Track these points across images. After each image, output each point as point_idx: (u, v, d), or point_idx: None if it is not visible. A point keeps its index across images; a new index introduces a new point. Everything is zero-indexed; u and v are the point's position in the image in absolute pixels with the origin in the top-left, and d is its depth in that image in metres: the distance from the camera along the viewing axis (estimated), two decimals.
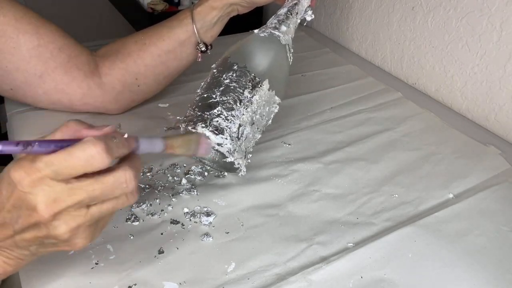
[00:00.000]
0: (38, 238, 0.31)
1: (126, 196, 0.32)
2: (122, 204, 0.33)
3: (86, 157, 0.29)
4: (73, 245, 0.32)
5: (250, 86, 0.48)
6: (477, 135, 0.65)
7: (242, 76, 0.49)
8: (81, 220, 0.31)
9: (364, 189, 0.54)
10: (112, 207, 0.32)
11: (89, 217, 0.31)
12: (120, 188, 0.31)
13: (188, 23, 0.60)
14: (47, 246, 0.33)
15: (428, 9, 0.74)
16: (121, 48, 0.61)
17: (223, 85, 0.48)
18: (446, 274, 0.43)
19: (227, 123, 0.46)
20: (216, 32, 0.62)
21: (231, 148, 0.46)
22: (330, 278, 0.42)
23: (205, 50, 0.62)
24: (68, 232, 0.31)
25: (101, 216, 0.32)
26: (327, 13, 0.99)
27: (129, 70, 0.60)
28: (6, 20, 0.52)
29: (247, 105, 0.48)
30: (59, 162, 0.29)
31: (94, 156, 0.29)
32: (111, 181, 0.31)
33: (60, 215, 0.30)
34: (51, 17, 0.58)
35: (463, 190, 0.54)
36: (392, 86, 0.78)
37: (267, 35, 0.51)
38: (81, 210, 0.30)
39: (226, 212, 0.49)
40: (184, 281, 0.41)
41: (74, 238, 0.32)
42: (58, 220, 0.30)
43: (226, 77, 0.49)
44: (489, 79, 0.67)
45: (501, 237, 0.48)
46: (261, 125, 0.51)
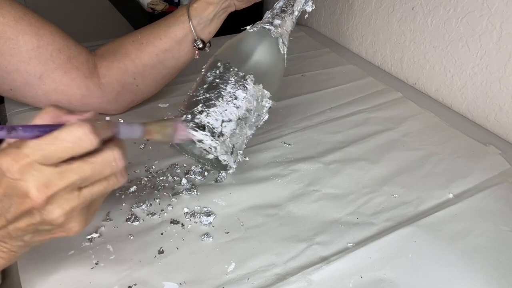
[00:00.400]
0: (33, 226, 0.31)
1: (116, 176, 0.32)
2: (113, 185, 0.33)
3: (73, 139, 0.29)
4: (68, 230, 0.32)
5: (233, 81, 0.48)
6: (477, 135, 0.65)
7: (226, 72, 0.49)
8: (75, 203, 0.31)
9: (364, 189, 0.54)
10: (104, 188, 0.32)
11: (82, 199, 0.31)
12: (110, 167, 0.31)
13: (184, 20, 0.59)
14: (42, 234, 0.33)
15: (428, 9, 0.74)
16: (118, 48, 0.61)
17: (207, 82, 0.49)
18: (446, 274, 0.43)
19: (209, 120, 0.46)
20: (213, 28, 0.61)
21: (212, 144, 0.46)
22: (330, 278, 0.42)
23: (202, 47, 0.61)
24: (62, 215, 0.30)
25: (93, 198, 0.32)
26: (327, 13, 0.99)
27: (127, 70, 0.60)
28: (5, 21, 0.52)
29: (230, 100, 0.47)
30: (47, 146, 0.29)
31: (82, 137, 0.29)
32: (100, 160, 0.31)
33: (53, 199, 0.30)
34: (51, 17, 0.58)
35: (463, 190, 0.54)
36: (392, 86, 0.78)
37: (256, 30, 0.51)
38: (73, 192, 0.30)
39: (226, 212, 0.49)
40: (184, 281, 0.41)
41: (69, 222, 0.31)
42: (52, 204, 0.30)
43: (210, 74, 0.49)
44: (489, 79, 0.67)
45: (501, 237, 0.48)
46: (251, 121, 0.51)
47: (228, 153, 0.48)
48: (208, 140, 0.46)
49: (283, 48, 0.52)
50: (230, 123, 0.48)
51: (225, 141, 0.48)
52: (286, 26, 0.53)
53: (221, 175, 0.54)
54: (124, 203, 0.49)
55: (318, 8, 1.01)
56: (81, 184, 0.31)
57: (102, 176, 0.32)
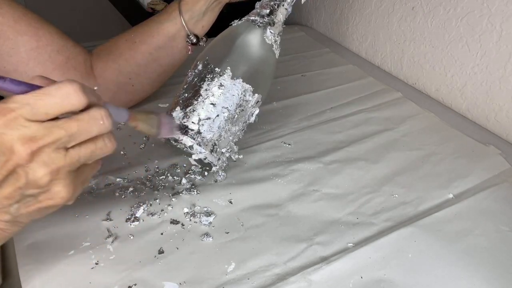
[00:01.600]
0: (18, 190, 0.30)
1: (104, 140, 0.32)
2: (101, 149, 0.32)
3: (62, 95, 0.29)
4: (55, 195, 0.31)
5: (209, 78, 0.48)
6: (477, 135, 0.65)
7: (203, 70, 0.49)
8: (60, 162, 0.30)
9: (364, 189, 0.54)
10: (91, 152, 0.32)
11: (69, 160, 0.30)
12: (97, 124, 0.31)
13: (176, 16, 0.58)
14: (28, 203, 0.32)
15: (428, 9, 0.74)
16: (112, 48, 0.60)
17: (187, 82, 0.49)
18: (446, 274, 0.43)
19: (186, 120, 0.47)
20: (207, 22, 0.60)
21: (188, 143, 0.47)
22: (330, 278, 0.42)
23: (196, 42, 0.60)
24: (47, 174, 0.30)
25: (80, 162, 0.31)
26: (327, 13, 0.99)
27: (122, 70, 0.60)
28: (4, 21, 0.51)
29: (206, 98, 0.47)
30: (34, 100, 0.28)
31: (71, 93, 0.29)
32: (87, 117, 0.30)
33: (38, 155, 0.29)
34: (51, 17, 0.58)
35: (463, 190, 0.54)
36: (392, 86, 0.78)
37: (240, 23, 0.50)
38: (59, 151, 0.30)
39: (226, 212, 0.49)
40: (184, 281, 0.41)
41: (55, 184, 0.31)
42: (37, 162, 0.29)
43: (190, 74, 0.50)
44: (489, 79, 0.67)
45: (501, 237, 0.48)
46: (233, 117, 0.50)
47: (207, 150, 0.48)
48: (184, 139, 0.47)
49: (272, 39, 0.50)
50: (207, 121, 0.47)
51: (203, 140, 0.47)
52: (277, 15, 0.51)
53: (221, 174, 0.54)
54: (124, 203, 0.49)
55: (318, 8, 1.01)
56: (68, 142, 0.30)
57: (89, 134, 0.31)
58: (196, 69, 0.50)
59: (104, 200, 0.49)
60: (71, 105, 0.29)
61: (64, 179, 0.31)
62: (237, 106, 0.49)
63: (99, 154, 0.33)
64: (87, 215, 0.47)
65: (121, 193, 0.50)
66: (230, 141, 0.51)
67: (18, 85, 0.29)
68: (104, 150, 0.33)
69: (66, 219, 0.46)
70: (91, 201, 0.49)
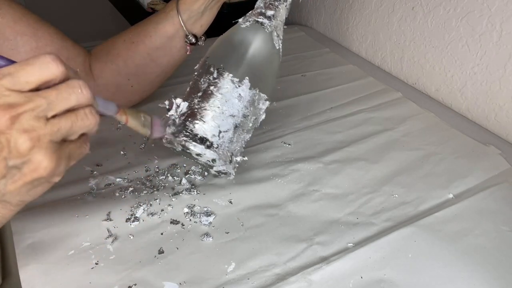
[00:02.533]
0: (2, 161, 0.30)
1: (85, 112, 0.32)
2: (82, 120, 0.32)
3: (40, 63, 0.30)
4: (38, 165, 0.31)
5: (228, 89, 0.46)
6: (477, 135, 0.65)
7: (220, 78, 0.47)
8: (41, 130, 0.30)
9: (364, 189, 0.54)
10: (71, 122, 0.32)
11: (49, 128, 0.31)
12: (75, 93, 0.31)
13: (174, 15, 0.57)
14: (14, 177, 0.31)
15: (428, 9, 0.74)
16: (110, 49, 0.60)
17: (201, 89, 0.47)
18: (446, 274, 0.43)
19: (206, 132, 0.45)
20: (206, 21, 0.59)
21: (211, 157, 0.46)
22: (330, 278, 0.42)
23: (195, 42, 0.59)
24: (28, 140, 0.30)
25: (61, 131, 0.31)
26: (327, 13, 0.99)
27: (120, 71, 0.59)
28: (4, 22, 0.51)
29: (226, 110, 0.46)
30: (15, 70, 0.30)
31: (49, 62, 0.30)
32: (64, 86, 0.31)
33: (19, 121, 0.29)
34: (50, 17, 0.58)
35: (463, 190, 0.54)
36: (392, 86, 0.78)
37: (249, 25, 0.48)
38: (40, 119, 0.30)
39: (226, 212, 0.49)
40: (184, 281, 0.41)
41: (36, 152, 0.30)
42: (17, 129, 0.29)
43: (204, 80, 0.47)
44: (489, 79, 0.67)
45: (501, 237, 0.48)
46: (248, 126, 0.50)
47: (227, 162, 0.48)
48: (208, 154, 0.46)
49: (278, 43, 0.50)
50: (227, 133, 0.47)
51: (224, 152, 0.47)
52: (280, 15, 0.50)
53: (221, 175, 0.54)
54: (124, 203, 0.49)
55: (318, 8, 1.01)
56: (48, 110, 0.30)
57: (68, 102, 0.31)
58: (210, 75, 0.47)
59: (104, 200, 0.49)
60: (50, 73, 0.30)
61: (46, 148, 0.31)
62: (252, 115, 0.49)
63: (80, 126, 0.33)
64: (87, 215, 0.47)
65: (121, 193, 0.50)
66: (242, 146, 0.51)
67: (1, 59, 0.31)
68: (85, 122, 0.33)
69: (66, 219, 0.46)
70: (91, 201, 0.49)
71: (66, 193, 0.50)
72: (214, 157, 0.46)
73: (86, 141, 0.36)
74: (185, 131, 0.45)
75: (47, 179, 0.33)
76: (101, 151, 0.57)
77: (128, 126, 0.42)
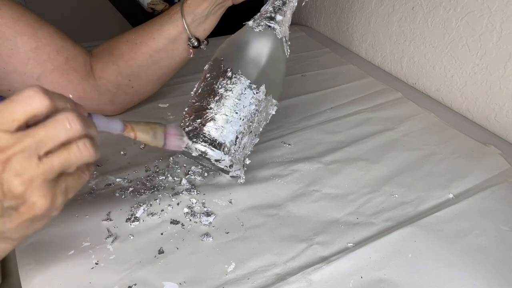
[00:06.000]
0: None
1: (78, 146, 0.32)
2: (75, 155, 0.32)
3: (24, 98, 0.30)
4: (33, 205, 0.31)
5: (248, 96, 0.46)
6: (477, 135, 0.65)
7: (238, 83, 0.46)
8: (33, 171, 0.30)
9: (364, 189, 0.54)
10: (64, 158, 0.31)
11: (42, 168, 0.30)
12: (63, 128, 0.31)
13: (178, 18, 0.57)
14: (11, 216, 0.32)
15: (428, 9, 0.74)
16: (112, 49, 0.60)
17: (217, 93, 0.46)
18: (446, 274, 0.43)
19: (225, 138, 0.45)
20: (209, 25, 0.59)
21: (229, 163, 0.47)
22: (330, 278, 0.42)
23: (197, 45, 0.59)
24: (21, 183, 0.30)
25: (55, 169, 0.31)
26: (327, 13, 0.99)
27: (122, 71, 0.59)
28: (4, 22, 0.51)
29: (245, 116, 0.46)
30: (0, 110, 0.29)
31: (32, 95, 0.30)
32: (52, 122, 0.31)
33: (10, 164, 0.29)
34: (51, 17, 0.58)
35: (463, 190, 0.54)
36: (392, 86, 0.78)
37: (262, 30, 0.48)
38: (31, 159, 0.30)
39: (226, 212, 0.49)
40: (184, 281, 0.41)
41: (30, 194, 0.30)
42: (9, 171, 0.29)
43: (220, 84, 0.47)
44: (489, 79, 0.67)
45: (501, 237, 0.48)
46: (259, 131, 0.50)
47: (240, 166, 0.49)
48: (226, 160, 0.46)
49: (287, 48, 0.50)
50: (243, 139, 0.47)
51: (239, 157, 0.48)
52: (288, 19, 0.50)
53: (221, 175, 0.54)
54: (124, 203, 0.49)
55: (318, 8, 1.01)
56: (38, 149, 0.30)
57: (58, 139, 0.31)
58: (227, 80, 0.46)
59: (104, 200, 0.49)
60: (34, 107, 0.30)
61: (40, 189, 0.31)
62: (264, 120, 0.50)
63: (74, 161, 0.32)
64: (87, 215, 0.47)
65: (121, 193, 0.50)
66: (250, 150, 0.51)
67: None
68: (79, 156, 0.32)
69: (66, 219, 0.46)
70: (91, 201, 0.49)
71: None
72: (231, 163, 0.47)
73: (86, 172, 0.35)
74: (203, 136, 0.45)
75: (44, 216, 0.33)
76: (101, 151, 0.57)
77: (139, 140, 0.41)
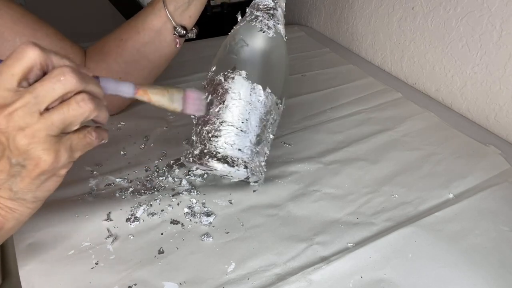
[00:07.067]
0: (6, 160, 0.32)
1: (75, 100, 0.32)
2: (74, 110, 0.32)
3: (18, 53, 0.31)
4: (38, 160, 0.32)
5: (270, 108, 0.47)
6: (477, 135, 0.65)
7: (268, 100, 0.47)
8: (35, 125, 0.31)
9: (364, 189, 0.54)
10: (64, 114, 0.32)
11: (43, 122, 0.31)
12: (58, 81, 0.31)
13: (160, 8, 0.55)
14: (21, 174, 0.33)
15: (428, 9, 0.74)
16: (102, 47, 0.59)
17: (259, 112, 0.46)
18: (446, 274, 0.43)
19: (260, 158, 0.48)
20: (194, 11, 0.56)
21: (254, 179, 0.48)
22: (330, 278, 0.42)
23: (184, 34, 0.57)
24: (24, 137, 0.31)
25: (56, 124, 0.32)
26: (327, 13, 0.99)
27: (112, 69, 0.58)
28: (3, 23, 0.51)
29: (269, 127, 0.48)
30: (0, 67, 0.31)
31: (24, 48, 0.31)
32: (47, 76, 0.31)
33: (13, 119, 0.31)
34: (51, 17, 0.58)
35: (463, 190, 0.54)
36: (392, 86, 0.78)
37: (275, 36, 0.47)
38: (33, 114, 0.31)
39: (226, 212, 0.49)
40: (184, 281, 0.41)
41: (34, 148, 0.31)
42: (13, 126, 0.31)
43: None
44: (489, 79, 0.67)
45: (501, 237, 0.48)
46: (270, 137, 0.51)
47: (260, 177, 0.49)
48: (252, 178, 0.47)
49: None
50: (261, 148, 0.48)
51: (258, 166, 0.48)
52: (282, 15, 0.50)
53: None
54: (124, 203, 0.49)
55: (318, 8, 1.01)
56: (38, 104, 0.31)
57: (54, 92, 0.31)
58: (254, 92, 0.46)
59: (104, 200, 0.49)
60: (29, 58, 0.31)
61: (43, 143, 0.32)
62: (274, 127, 0.50)
63: (74, 115, 0.32)
64: (87, 215, 0.47)
65: (121, 193, 0.50)
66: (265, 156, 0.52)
67: None
68: (78, 110, 0.32)
69: (66, 219, 0.46)
70: (91, 202, 0.49)
71: (66, 193, 0.50)
72: (256, 178, 0.48)
73: (91, 131, 0.35)
74: (223, 159, 0.45)
75: (51, 172, 0.34)
76: (101, 151, 0.57)
77: (154, 105, 0.39)
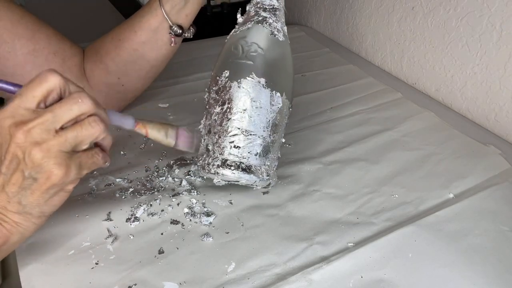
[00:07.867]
0: (21, 173, 0.34)
1: (89, 122, 0.35)
2: (86, 130, 0.35)
3: (40, 78, 0.34)
4: (50, 173, 0.34)
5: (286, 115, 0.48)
6: (477, 135, 0.65)
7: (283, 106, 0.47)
8: (50, 142, 0.34)
9: (364, 189, 0.54)
10: (77, 132, 0.35)
11: (58, 138, 0.34)
12: (76, 103, 0.35)
13: (157, 7, 0.55)
14: (31, 187, 0.35)
15: (428, 9, 0.74)
16: (99, 48, 0.59)
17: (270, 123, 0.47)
18: (446, 274, 0.43)
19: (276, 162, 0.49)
20: (191, 10, 0.56)
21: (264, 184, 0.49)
22: (330, 278, 0.42)
23: (181, 33, 0.57)
24: (39, 152, 0.33)
25: (69, 141, 0.35)
26: (327, 13, 0.99)
27: (109, 70, 0.58)
28: (2, 24, 0.51)
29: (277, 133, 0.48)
30: (22, 90, 0.34)
31: (47, 74, 0.34)
32: (66, 99, 0.35)
33: (30, 135, 0.33)
34: (50, 17, 0.58)
35: (463, 190, 0.54)
36: (392, 86, 0.78)
37: (285, 40, 0.48)
38: (49, 131, 0.34)
39: (226, 212, 0.49)
40: (184, 281, 0.41)
41: (47, 162, 0.34)
42: (30, 141, 0.33)
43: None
44: (489, 79, 0.67)
45: (501, 237, 0.48)
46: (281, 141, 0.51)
47: (273, 182, 0.49)
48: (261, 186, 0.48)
49: None
50: (273, 155, 0.49)
51: (271, 171, 0.49)
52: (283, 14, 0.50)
53: None
54: (124, 204, 0.49)
55: (318, 8, 1.01)
56: (55, 123, 0.34)
57: (71, 113, 0.34)
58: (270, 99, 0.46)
59: (104, 200, 0.49)
60: (49, 83, 0.34)
61: (55, 157, 0.34)
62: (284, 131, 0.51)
63: (85, 135, 0.36)
64: (87, 215, 0.47)
65: (121, 193, 0.50)
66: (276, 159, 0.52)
67: (9, 85, 0.37)
68: (89, 130, 0.36)
69: (66, 219, 0.46)
70: (92, 202, 0.49)
71: None
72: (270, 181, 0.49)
73: (98, 152, 0.39)
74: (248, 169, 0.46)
75: (60, 187, 0.36)
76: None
77: (151, 139, 0.44)
